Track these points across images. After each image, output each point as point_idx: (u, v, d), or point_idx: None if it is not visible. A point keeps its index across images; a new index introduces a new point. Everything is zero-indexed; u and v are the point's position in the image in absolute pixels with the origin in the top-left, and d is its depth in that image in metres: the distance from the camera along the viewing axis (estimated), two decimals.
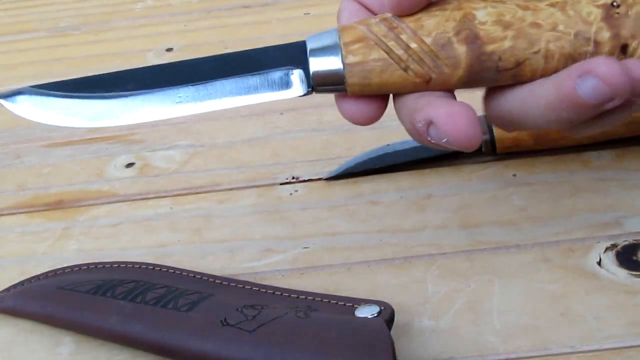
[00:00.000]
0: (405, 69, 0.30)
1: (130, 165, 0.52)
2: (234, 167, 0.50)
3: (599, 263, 0.39)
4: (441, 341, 0.37)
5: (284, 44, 0.32)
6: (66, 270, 0.42)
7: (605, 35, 0.29)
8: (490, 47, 0.29)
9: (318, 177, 0.48)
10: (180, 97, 0.31)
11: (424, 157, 0.47)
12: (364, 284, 0.40)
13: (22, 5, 0.76)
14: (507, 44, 0.29)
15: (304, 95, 0.32)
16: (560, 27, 0.29)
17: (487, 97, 0.33)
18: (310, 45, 0.31)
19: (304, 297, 0.37)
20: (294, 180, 0.48)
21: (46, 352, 0.39)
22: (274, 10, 0.68)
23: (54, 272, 0.42)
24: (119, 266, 0.42)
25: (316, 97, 0.56)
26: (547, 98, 0.29)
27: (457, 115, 0.28)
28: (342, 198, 0.46)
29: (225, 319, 0.35)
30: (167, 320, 0.36)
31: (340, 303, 0.36)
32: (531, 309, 0.38)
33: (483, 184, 0.45)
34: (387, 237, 0.43)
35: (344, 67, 0.30)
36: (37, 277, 0.42)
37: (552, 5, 0.29)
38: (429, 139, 0.30)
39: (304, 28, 0.65)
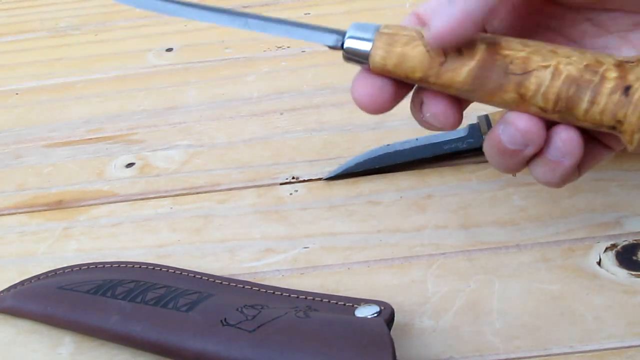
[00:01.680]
0: (426, 46, 0.32)
1: (130, 165, 0.52)
2: (234, 167, 0.50)
3: (599, 263, 0.39)
4: (441, 341, 0.37)
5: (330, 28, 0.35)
6: (66, 270, 0.42)
7: (612, 74, 0.31)
8: (506, 51, 0.32)
9: (318, 177, 0.48)
10: (249, 22, 0.36)
11: (424, 157, 0.47)
12: (364, 284, 0.40)
13: (22, 5, 0.76)
14: (522, 53, 0.32)
15: (332, 47, 0.34)
16: (574, 58, 0.31)
17: None
18: (351, 29, 0.34)
19: (304, 297, 0.37)
20: (294, 180, 0.48)
21: (46, 352, 0.39)
22: (274, 10, 0.68)
23: (54, 272, 0.42)
24: (119, 266, 0.42)
25: (316, 98, 0.56)
26: (487, 141, 0.34)
27: (442, 100, 0.34)
28: (342, 198, 0.46)
29: (225, 319, 0.35)
30: (167, 320, 0.36)
31: (340, 303, 0.36)
32: (531, 309, 0.38)
33: (483, 184, 0.45)
34: (387, 237, 0.43)
35: (373, 38, 0.33)
36: (37, 277, 0.42)
37: (573, 49, 0.32)
38: (422, 117, 0.35)
39: None
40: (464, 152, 0.47)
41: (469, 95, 0.33)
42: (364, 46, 0.33)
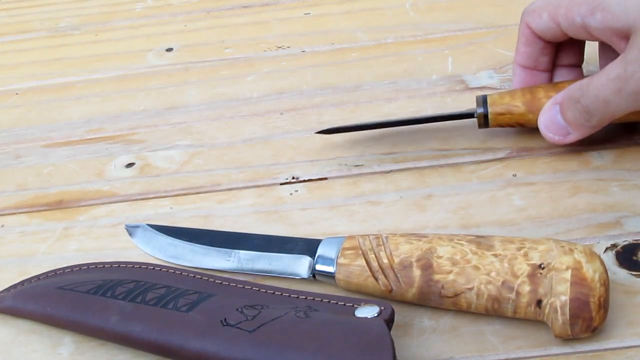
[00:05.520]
0: (375, 278, 0.37)
1: (130, 165, 0.52)
2: (234, 167, 0.50)
3: None
4: (441, 341, 0.37)
5: (307, 240, 0.41)
6: (66, 270, 0.42)
7: (526, 288, 0.35)
8: (437, 276, 0.36)
9: (318, 177, 0.48)
10: (229, 258, 0.42)
11: (416, 119, 0.49)
12: None
13: (22, 5, 0.76)
14: (450, 277, 0.36)
15: (307, 278, 0.40)
16: (493, 274, 0.35)
17: None
18: (320, 250, 0.40)
19: (304, 297, 0.37)
20: (294, 180, 0.48)
21: (46, 352, 0.39)
22: (274, 10, 0.68)
23: (54, 272, 0.42)
24: (119, 266, 0.42)
25: (316, 98, 0.56)
26: None
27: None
28: (342, 198, 0.46)
29: (225, 319, 0.35)
30: (167, 320, 0.36)
31: (340, 303, 0.36)
32: None
33: (483, 184, 0.45)
34: None
35: (335, 266, 0.39)
36: (37, 277, 0.42)
37: (495, 255, 0.36)
38: None
39: (304, 28, 0.65)
40: (447, 117, 0.48)
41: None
42: (330, 270, 0.39)
